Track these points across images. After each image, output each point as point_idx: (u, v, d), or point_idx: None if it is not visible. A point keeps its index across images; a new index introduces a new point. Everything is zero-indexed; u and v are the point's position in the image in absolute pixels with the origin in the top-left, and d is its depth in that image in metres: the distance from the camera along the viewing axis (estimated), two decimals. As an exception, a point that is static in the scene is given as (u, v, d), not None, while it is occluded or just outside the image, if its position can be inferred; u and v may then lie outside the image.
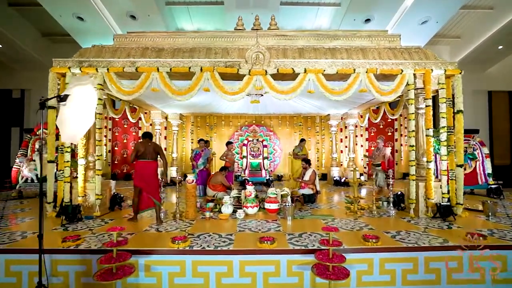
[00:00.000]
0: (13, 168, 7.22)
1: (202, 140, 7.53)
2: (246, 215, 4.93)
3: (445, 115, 4.88)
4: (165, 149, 11.45)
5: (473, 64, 11.67)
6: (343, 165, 11.02)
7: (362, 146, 11.63)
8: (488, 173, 7.17)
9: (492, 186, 6.84)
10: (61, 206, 4.64)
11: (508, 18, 9.32)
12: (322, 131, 11.42)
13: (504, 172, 11.37)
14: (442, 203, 4.61)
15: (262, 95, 7.52)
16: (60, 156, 4.89)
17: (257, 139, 10.67)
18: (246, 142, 10.53)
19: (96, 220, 4.61)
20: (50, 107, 4.73)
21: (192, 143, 11.22)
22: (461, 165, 4.87)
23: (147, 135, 4.69)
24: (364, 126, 11.29)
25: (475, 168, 7.28)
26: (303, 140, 8.78)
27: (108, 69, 4.82)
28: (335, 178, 9.72)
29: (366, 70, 4.86)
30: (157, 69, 4.81)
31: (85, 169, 4.88)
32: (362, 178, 7.83)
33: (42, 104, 2.75)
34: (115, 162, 11.24)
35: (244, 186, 6.31)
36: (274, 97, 4.92)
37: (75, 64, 4.85)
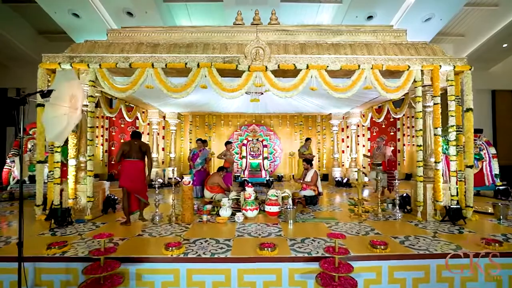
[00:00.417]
0: (4, 169, 6.98)
1: (200, 140, 7.30)
2: (246, 218, 4.70)
3: (454, 114, 4.66)
4: (163, 149, 11.25)
5: (477, 63, 11.43)
6: (345, 166, 10.80)
7: (364, 146, 11.40)
8: (496, 174, 6.95)
9: (500, 188, 6.61)
10: (51, 209, 4.41)
11: (514, 15, 9.11)
12: (323, 131, 11.19)
13: (509, 172, 11.14)
14: (452, 206, 4.38)
15: (262, 94, 7.29)
16: (50, 157, 4.67)
17: (257, 139, 10.44)
18: (246, 142, 10.30)
19: (87, 224, 4.38)
20: (40, 105, 4.49)
21: (191, 143, 11.00)
22: (471, 166, 4.63)
23: (135, 134, 4.59)
24: (366, 126, 11.07)
25: (482, 169, 7.05)
26: (309, 139, 8.55)
27: (100, 65, 4.58)
28: (337, 179, 9.49)
29: (372, 66, 4.63)
30: (152, 65, 4.58)
31: (76, 170, 4.64)
32: (366, 179, 7.56)
33: (22, 100, 2.52)
34: (112, 163, 11.00)
35: (244, 187, 6.09)
36: (275, 95, 4.69)
37: (66, 60, 4.62)
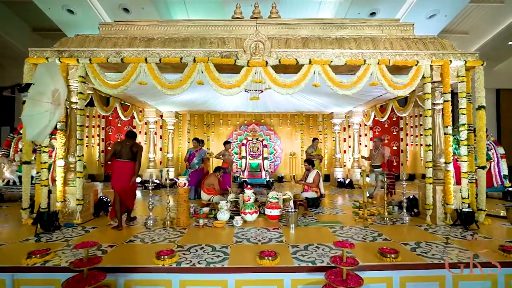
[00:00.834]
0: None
1: (196, 139, 7.03)
2: (245, 222, 4.44)
3: (465, 112, 4.40)
4: (161, 149, 11.00)
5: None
6: (347, 166, 10.55)
7: (366, 146, 11.14)
8: (504, 175, 6.69)
9: (510, 189, 6.36)
10: (38, 213, 4.15)
11: (521, 12, 8.87)
12: (325, 130, 10.93)
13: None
14: (464, 209, 4.13)
15: (262, 92, 7.05)
16: (38, 157, 4.41)
17: (257, 139, 10.17)
18: (245, 142, 10.04)
19: (76, 229, 4.12)
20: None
21: (189, 143, 10.73)
22: (483, 167, 4.38)
23: (129, 134, 4.42)
24: (369, 125, 10.81)
25: (490, 170, 6.78)
26: (316, 139, 8.27)
27: (91, 60, 4.32)
28: (339, 180, 9.24)
29: (378, 61, 4.37)
30: (145, 60, 4.32)
31: (65, 171, 4.38)
32: (368, 180, 7.24)
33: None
34: (108, 163, 10.72)
35: (243, 188, 5.83)
36: (276, 91, 4.43)
37: (54, 54, 4.36)
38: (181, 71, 4.44)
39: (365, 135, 11.07)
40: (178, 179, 4.41)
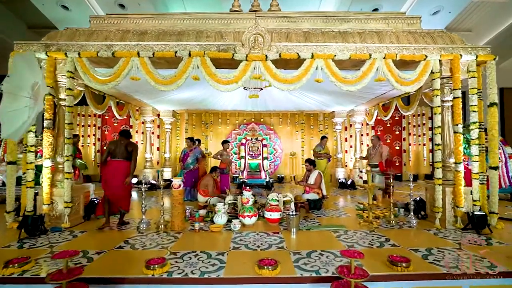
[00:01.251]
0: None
1: (190, 139, 6.76)
2: (243, 226, 4.20)
3: (476, 109, 4.16)
4: (158, 149, 10.76)
5: (485, 59, 10.95)
6: (348, 166, 10.31)
7: (368, 146, 10.89)
8: (512, 175, 6.44)
9: (519, 190, 6.12)
10: (23, 216, 3.90)
11: (527, 8, 8.64)
12: (326, 130, 10.69)
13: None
14: (476, 213, 3.88)
15: (262, 89, 6.80)
16: (24, 157, 4.16)
17: (256, 138, 9.93)
18: (244, 141, 9.79)
19: (64, 233, 3.87)
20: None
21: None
22: (496, 167, 4.14)
23: (123, 133, 4.24)
24: (370, 125, 10.57)
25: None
26: (325, 138, 7.66)
27: (80, 54, 4.08)
28: (340, 180, 9.01)
29: (384, 56, 4.13)
30: (138, 54, 4.07)
31: (52, 172, 4.14)
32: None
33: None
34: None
35: (242, 190, 5.59)
36: (276, 87, 4.19)
37: (41, 48, 4.12)
38: (176, 67, 4.19)
39: (367, 135, 10.82)
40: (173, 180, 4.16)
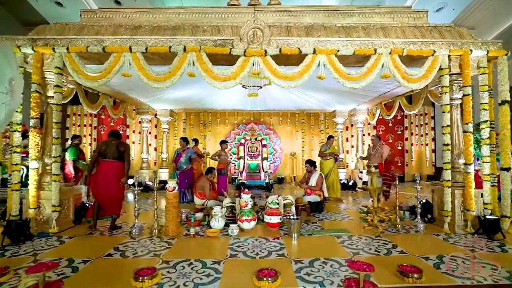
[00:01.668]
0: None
1: (183, 139, 6.54)
2: (241, 231, 3.98)
3: (487, 107, 3.95)
4: (155, 149, 10.53)
5: (490, 57, 10.73)
6: (350, 167, 10.09)
7: (369, 146, 10.68)
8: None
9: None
10: (7, 221, 3.67)
11: (534, 4, 8.41)
12: (327, 130, 10.47)
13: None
14: (488, 217, 3.67)
15: (261, 87, 6.58)
16: (10, 158, 3.93)
17: (256, 138, 9.70)
18: (244, 142, 9.57)
19: (51, 239, 3.64)
20: None
21: (184, 143, 10.24)
22: (508, 169, 3.92)
23: (113, 134, 4.10)
24: (372, 124, 10.35)
25: (505, 171, 6.33)
26: (332, 137, 7.17)
27: (68, 49, 3.85)
28: (342, 181, 8.77)
29: (390, 51, 3.92)
30: (130, 49, 3.85)
31: (40, 174, 3.91)
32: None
33: None
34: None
35: (243, 189, 5.37)
36: (276, 84, 3.98)
37: (27, 43, 3.90)
38: (171, 63, 3.97)
39: (369, 134, 10.59)
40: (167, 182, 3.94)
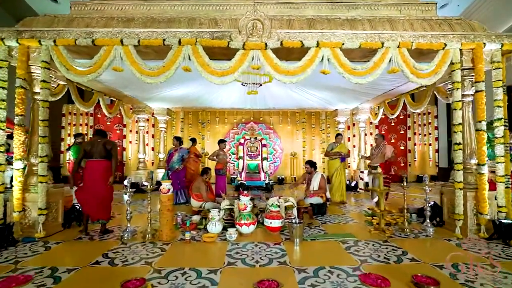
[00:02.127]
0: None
1: (176, 138, 6.31)
2: (240, 235, 3.74)
3: (501, 104, 3.72)
4: (153, 149, 10.31)
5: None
6: (352, 167, 9.86)
7: (372, 146, 10.46)
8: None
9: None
10: (-10, 225, 3.44)
11: (541, 0, 8.19)
12: (328, 129, 10.25)
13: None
14: (503, 220, 3.44)
15: (261, 85, 6.36)
16: (-6, 158, 3.70)
17: (255, 138, 9.47)
18: (243, 141, 9.34)
19: (37, 244, 3.41)
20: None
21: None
22: (523, 169, 3.70)
23: (99, 133, 3.90)
24: (374, 123, 10.12)
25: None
26: (339, 135, 6.69)
27: (56, 42, 3.62)
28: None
29: (398, 44, 3.69)
30: (121, 42, 3.61)
31: (25, 175, 3.68)
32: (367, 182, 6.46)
33: None
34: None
35: (241, 190, 5.16)
36: (277, 79, 3.74)
37: (12, 35, 3.67)
38: (165, 57, 3.74)
39: (371, 134, 10.37)
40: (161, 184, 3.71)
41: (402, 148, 10.49)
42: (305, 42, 3.67)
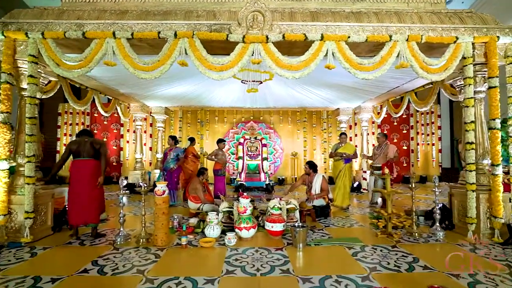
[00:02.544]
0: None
1: (172, 137, 6.11)
2: (240, 239, 3.54)
3: (516, 101, 3.52)
4: (151, 149, 10.10)
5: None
6: (353, 167, 9.64)
7: (374, 146, 10.25)
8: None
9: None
10: (-27, 230, 3.23)
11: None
12: (329, 129, 10.04)
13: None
14: (519, 225, 3.25)
15: (261, 83, 6.16)
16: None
17: (255, 137, 9.26)
18: (243, 141, 9.12)
19: (23, 250, 3.19)
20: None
21: (181, 142, 9.78)
22: (539, 170, 3.50)
23: (84, 132, 3.74)
24: (377, 123, 9.92)
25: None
26: (342, 135, 6.31)
27: (44, 34, 3.41)
28: (346, 183, 8.33)
29: (407, 38, 3.48)
30: (113, 35, 3.40)
31: (12, 176, 3.46)
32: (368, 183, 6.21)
33: None
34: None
35: (241, 192, 4.93)
36: (279, 75, 3.53)
37: (-3, 27, 3.45)
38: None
39: (373, 134, 10.17)
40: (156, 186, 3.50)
41: (405, 148, 10.29)
42: (309, 35, 3.46)
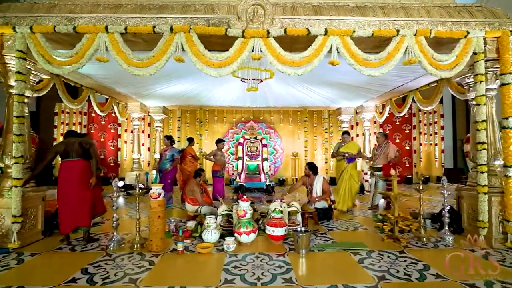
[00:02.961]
0: None
1: (168, 137, 5.93)
2: (239, 244, 3.36)
3: (527, 99, 3.35)
4: (149, 149, 9.92)
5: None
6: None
7: (375, 145, 10.08)
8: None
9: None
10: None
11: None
12: (331, 128, 9.88)
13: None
14: (534, 229, 3.07)
15: (261, 81, 5.99)
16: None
17: (255, 137, 9.08)
18: (242, 141, 8.95)
19: (9, 257, 3.02)
20: None
21: (179, 142, 9.61)
22: (554, 172, 3.32)
23: (72, 133, 3.63)
24: (378, 123, 9.76)
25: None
26: (344, 133, 6.00)
27: (32, 29, 3.23)
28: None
29: (415, 32, 3.31)
30: (106, 29, 3.23)
31: (-2, 178, 3.30)
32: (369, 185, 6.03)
33: None
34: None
35: (241, 194, 4.77)
36: (281, 71, 3.35)
37: (-17, 21, 3.28)
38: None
39: (374, 133, 9.99)
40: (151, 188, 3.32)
41: (407, 148, 10.12)
42: (312, 30, 3.28)
